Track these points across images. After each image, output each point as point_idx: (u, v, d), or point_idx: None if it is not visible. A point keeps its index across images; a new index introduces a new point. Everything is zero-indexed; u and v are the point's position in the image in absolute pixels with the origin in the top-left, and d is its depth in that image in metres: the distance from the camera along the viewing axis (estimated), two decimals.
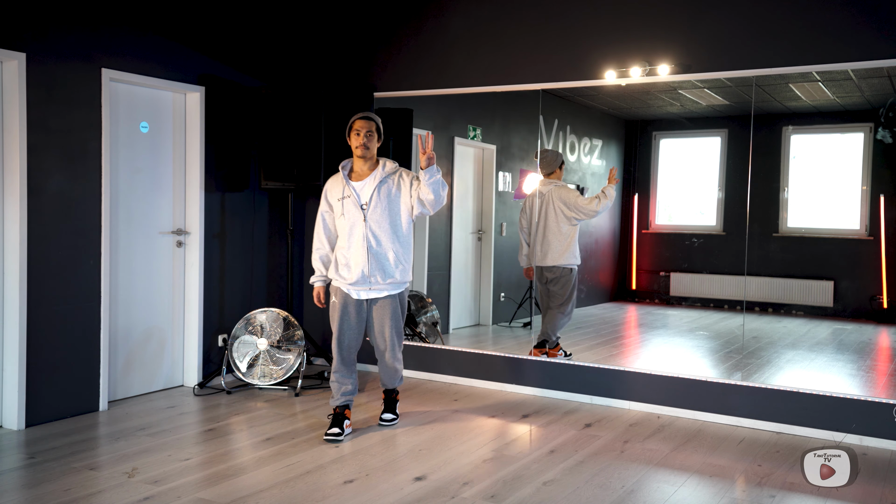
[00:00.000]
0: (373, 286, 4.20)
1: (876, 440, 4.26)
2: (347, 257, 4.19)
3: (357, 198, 4.18)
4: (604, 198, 5.48)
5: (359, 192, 4.18)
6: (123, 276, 4.91)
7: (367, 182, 4.20)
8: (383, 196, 4.18)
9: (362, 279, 4.17)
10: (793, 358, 5.57)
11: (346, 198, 4.20)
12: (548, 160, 5.65)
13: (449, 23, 5.60)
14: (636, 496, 3.46)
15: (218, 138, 5.41)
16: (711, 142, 6.34)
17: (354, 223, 4.17)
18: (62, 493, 3.35)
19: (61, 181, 4.43)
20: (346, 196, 4.20)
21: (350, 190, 4.19)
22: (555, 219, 5.50)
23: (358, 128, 4.19)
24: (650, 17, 4.91)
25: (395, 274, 4.21)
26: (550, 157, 5.67)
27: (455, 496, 3.40)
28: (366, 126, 4.19)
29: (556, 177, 5.61)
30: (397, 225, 4.21)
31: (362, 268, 4.15)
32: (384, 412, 4.51)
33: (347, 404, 4.36)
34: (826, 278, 6.03)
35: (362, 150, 4.17)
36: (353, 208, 4.17)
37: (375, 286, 4.20)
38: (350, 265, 4.18)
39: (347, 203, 4.19)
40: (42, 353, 4.37)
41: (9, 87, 4.21)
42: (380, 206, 4.16)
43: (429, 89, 5.65)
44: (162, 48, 5.00)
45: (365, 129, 4.19)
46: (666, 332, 5.96)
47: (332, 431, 4.20)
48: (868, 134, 5.84)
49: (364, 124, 4.19)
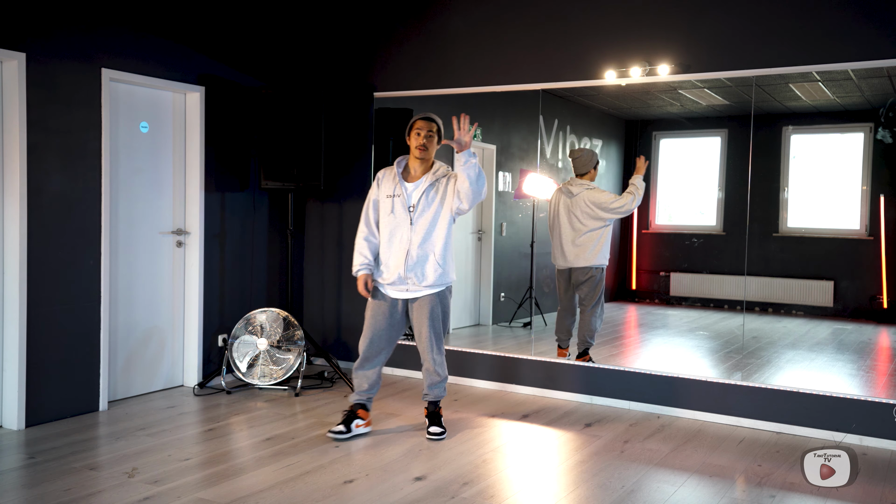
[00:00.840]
0: (409, 288, 4.16)
1: (876, 440, 4.26)
2: (387, 257, 4.16)
3: (407, 198, 4.14)
4: (636, 191, 5.35)
5: (409, 194, 4.15)
6: (123, 276, 4.91)
7: (418, 184, 4.15)
8: (430, 199, 4.12)
9: (399, 280, 4.14)
10: (793, 358, 5.57)
11: (397, 196, 4.15)
12: (583, 160, 5.50)
13: (449, 23, 5.60)
14: (636, 496, 3.46)
15: (218, 138, 5.41)
16: (711, 142, 6.33)
17: (399, 224, 4.13)
18: (62, 493, 3.35)
19: (61, 181, 4.43)
20: (396, 195, 4.15)
21: (401, 189, 4.15)
22: (587, 220, 5.40)
23: (419, 128, 4.14)
24: (650, 17, 4.91)
25: (432, 277, 4.13)
26: (586, 157, 5.50)
27: (455, 496, 3.40)
28: (426, 126, 4.14)
29: (589, 178, 5.47)
30: (436, 227, 4.13)
31: (399, 270, 4.12)
32: (430, 425, 4.30)
33: (363, 403, 4.30)
34: (826, 278, 6.02)
35: (421, 150, 4.12)
36: (400, 209, 4.13)
37: (412, 288, 4.15)
38: (389, 265, 4.15)
39: (397, 202, 4.14)
40: (42, 353, 4.37)
41: (9, 87, 4.21)
42: (426, 210, 4.11)
43: (429, 89, 5.65)
44: (162, 48, 5.00)
45: (426, 129, 4.13)
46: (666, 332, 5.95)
47: (336, 429, 4.19)
48: (868, 134, 5.84)
49: (425, 125, 4.14)
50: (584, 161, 5.49)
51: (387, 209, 4.16)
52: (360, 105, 5.95)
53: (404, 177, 4.20)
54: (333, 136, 5.96)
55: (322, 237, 6.16)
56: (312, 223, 6.20)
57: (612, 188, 6.67)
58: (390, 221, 4.14)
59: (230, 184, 5.55)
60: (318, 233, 6.18)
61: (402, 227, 4.12)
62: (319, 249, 6.18)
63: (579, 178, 5.48)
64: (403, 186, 4.15)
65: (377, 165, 5.89)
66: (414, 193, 4.13)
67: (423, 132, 4.12)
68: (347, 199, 6.03)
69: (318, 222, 6.18)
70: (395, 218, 4.13)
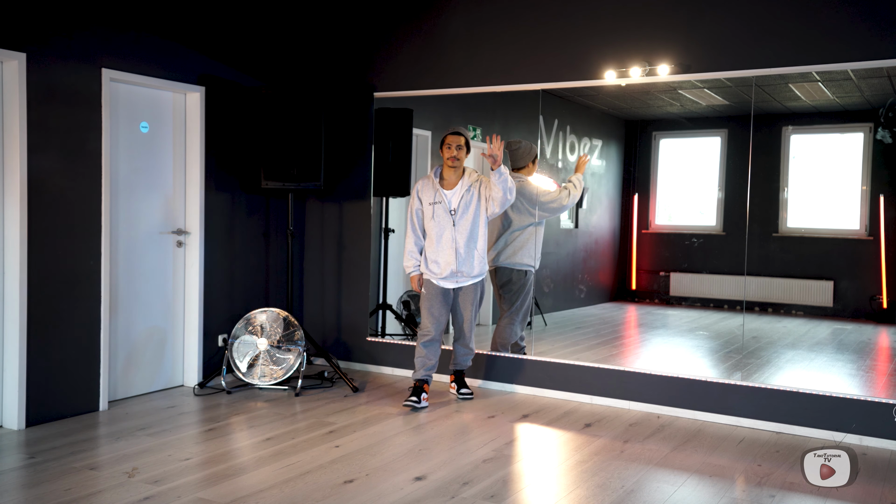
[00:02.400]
0: (459, 279, 4.89)
1: (876, 440, 4.26)
2: (437, 255, 4.86)
3: (447, 203, 4.83)
4: (572, 189, 5.27)
5: (449, 199, 4.84)
6: (123, 276, 4.91)
7: (455, 190, 4.84)
8: (468, 202, 4.82)
9: (451, 275, 4.86)
10: (793, 358, 5.58)
11: (437, 203, 4.84)
12: (520, 153, 5.41)
13: (449, 23, 5.60)
14: (636, 496, 3.47)
15: (218, 138, 5.41)
16: (711, 142, 6.34)
17: (444, 227, 4.84)
18: (62, 493, 3.35)
19: (61, 181, 4.43)
20: (437, 201, 4.85)
21: (441, 196, 4.84)
22: (515, 216, 5.33)
23: (449, 142, 4.81)
24: (650, 17, 4.91)
25: (477, 268, 4.89)
26: (524, 149, 5.41)
27: (455, 496, 3.41)
28: (456, 140, 4.81)
29: (526, 172, 5.39)
30: (478, 225, 4.84)
31: (451, 266, 4.82)
32: (461, 388, 5.14)
33: (427, 379, 4.93)
34: (826, 278, 6.03)
35: (453, 161, 4.81)
36: (442, 213, 4.83)
37: (461, 279, 4.89)
38: (439, 262, 4.85)
39: (438, 208, 4.84)
40: (43, 353, 4.37)
41: (9, 87, 4.21)
42: (466, 212, 4.81)
43: (429, 89, 5.65)
44: (162, 48, 5.00)
45: (455, 143, 4.80)
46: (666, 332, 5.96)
47: (412, 399, 4.82)
48: (868, 134, 5.84)
49: (454, 139, 4.81)
50: (522, 154, 5.42)
51: (429, 215, 4.87)
52: (359, 105, 5.95)
53: (441, 185, 4.88)
54: (333, 136, 5.96)
55: (322, 237, 6.16)
56: (312, 223, 6.21)
57: (611, 188, 6.67)
58: (434, 226, 4.86)
59: (230, 184, 5.55)
60: (318, 233, 6.18)
61: (447, 229, 4.84)
62: (319, 249, 6.18)
63: (515, 172, 5.41)
64: (443, 194, 4.85)
65: (377, 165, 5.90)
66: (453, 199, 4.84)
67: (453, 145, 4.81)
68: (347, 199, 6.03)
69: (318, 222, 6.18)
70: (438, 222, 4.84)
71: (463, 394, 5.13)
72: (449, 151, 4.81)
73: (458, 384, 5.17)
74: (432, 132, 6.17)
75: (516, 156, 5.43)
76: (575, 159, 6.28)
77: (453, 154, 4.78)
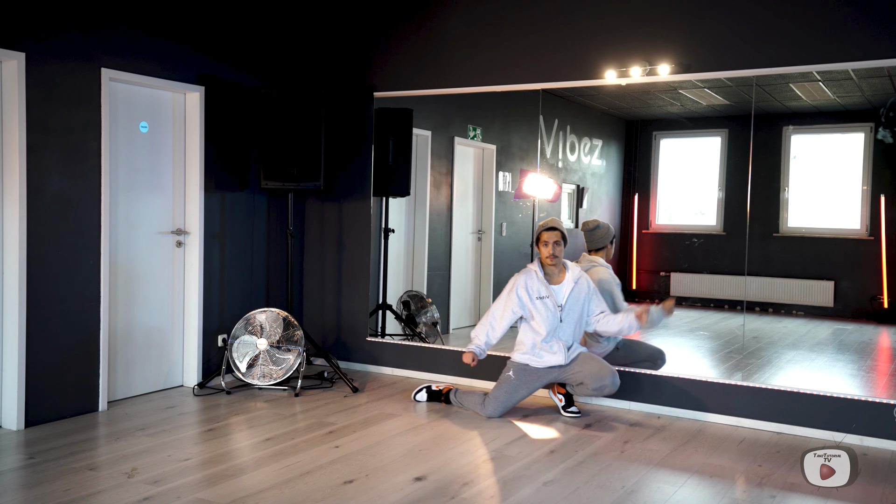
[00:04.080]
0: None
1: (876, 440, 4.25)
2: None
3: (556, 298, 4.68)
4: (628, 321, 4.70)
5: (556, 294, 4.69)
6: (123, 276, 4.91)
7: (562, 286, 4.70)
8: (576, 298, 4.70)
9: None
10: (793, 358, 5.57)
11: (546, 298, 4.67)
12: (598, 235, 5.11)
13: (449, 22, 5.60)
14: (636, 496, 3.46)
15: (218, 138, 5.41)
16: (711, 142, 6.33)
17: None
18: (62, 494, 3.34)
19: (61, 181, 4.43)
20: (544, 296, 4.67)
21: (548, 290, 4.67)
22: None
23: (546, 238, 4.66)
24: (650, 17, 4.90)
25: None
26: (602, 230, 5.11)
27: (455, 496, 3.40)
28: (553, 236, 4.66)
29: (604, 255, 5.12)
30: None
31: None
32: (570, 407, 4.84)
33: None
34: (826, 278, 6.02)
35: (552, 259, 4.66)
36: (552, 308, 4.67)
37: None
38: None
39: (548, 303, 4.67)
40: (42, 353, 4.37)
41: (8, 86, 4.21)
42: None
43: (429, 89, 5.65)
44: (162, 48, 5.00)
45: (553, 238, 4.65)
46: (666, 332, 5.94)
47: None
48: (868, 134, 5.84)
49: (551, 234, 4.66)
50: (600, 236, 5.13)
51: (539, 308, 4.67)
52: (359, 105, 5.94)
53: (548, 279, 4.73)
54: (333, 136, 5.96)
55: (322, 237, 6.16)
56: (312, 223, 6.20)
57: (611, 188, 6.67)
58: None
59: (230, 184, 5.54)
60: (318, 233, 6.18)
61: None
62: (319, 249, 6.18)
63: (593, 255, 5.15)
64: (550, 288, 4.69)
65: (377, 165, 5.89)
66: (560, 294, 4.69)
67: (551, 242, 4.65)
68: (347, 199, 6.02)
69: (317, 222, 6.18)
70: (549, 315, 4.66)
71: (571, 412, 4.80)
72: (547, 249, 4.63)
73: (568, 402, 4.85)
74: (432, 132, 6.17)
75: (593, 237, 5.13)
76: (575, 159, 6.28)
77: (552, 252, 4.62)
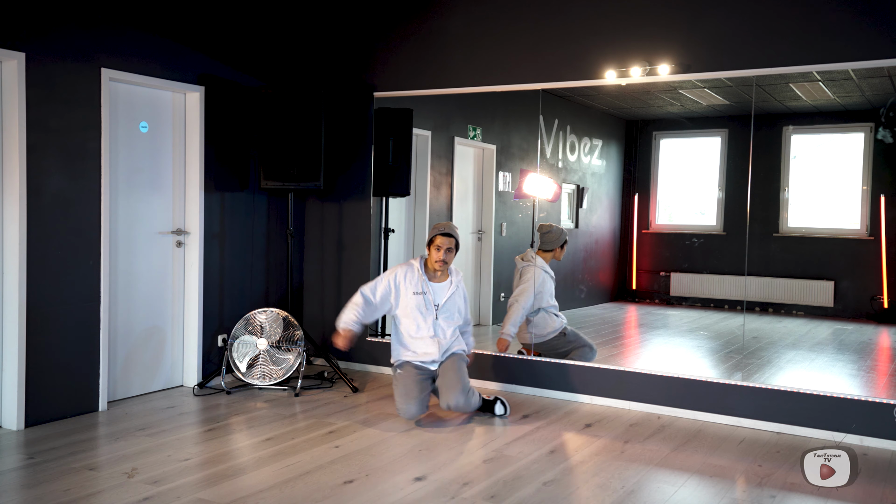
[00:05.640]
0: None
1: (876, 440, 4.25)
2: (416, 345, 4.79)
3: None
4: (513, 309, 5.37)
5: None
6: (123, 276, 4.91)
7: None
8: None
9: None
10: (793, 358, 5.57)
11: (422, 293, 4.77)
12: (550, 237, 5.50)
13: (449, 22, 5.60)
14: (636, 496, 3.46)
15: (218, 138, 5.41)
16: (711, 142, 6.33)
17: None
18: (62, 493, 3.34)
19: (61, 181, 4.43)
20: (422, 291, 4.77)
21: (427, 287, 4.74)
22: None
23: (439, 243, 4.64)
24: (650, 17, 4.90)
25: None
26: (554, 234, 5.51)
27: (455, 496, 3.40)
28: (447, 242, 4.66)
29: (554, 256, 5.49)
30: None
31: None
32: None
33: None
34: (826, 278, 6.02)
35: (441, 265, 4.67)
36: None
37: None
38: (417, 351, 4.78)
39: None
40: (42, 353, 4.37)
41: (8, 86, 4.21)
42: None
43: (429, 89, 5.65)
44: (162, 48, 5.00)
45: (446, 245, 4.65)
46: (666, 332, 5.96)
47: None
48: (868, 134, 5.84)
49: (445, 240, 4.66)
50: (552, 238, 5.50)
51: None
52: (359, 105, 5.94)
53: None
54: (333, 136, 5.96)
55: (322, 237, 6.16)
56: (312, 223, 6.20)
57: (611, 188, 6.67)
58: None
59: (230, 184, 5.54)
60: (317, 233, 6.18)
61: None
62: (319, 249, 6.18)
63: (543, 253, 5.49)
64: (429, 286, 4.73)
65: (377, 165, 5.89)
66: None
67: (443, 248, 4.64)
68: (347, 199, 6.02)
69: (317, 222, 6.18)
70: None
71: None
72: (438, 254, 4.64)
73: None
74: (432, 132, 6.17)
75: (546, 240, 5.48)
76: (575, 159, 6.28)
77: (442, 258, 4.63)
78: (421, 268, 4.73)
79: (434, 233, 4.68)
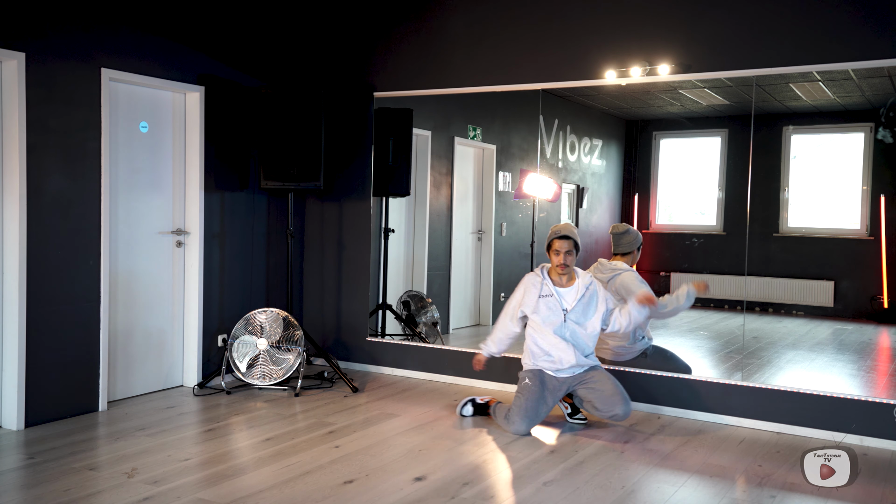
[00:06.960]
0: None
1: (876, 440, 4.25)
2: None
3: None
4: (672, 302, 4.80)
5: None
6: (123, 276, 4.91)
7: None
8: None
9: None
10: (793, 358, 5.57)
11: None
12: (627, 239, 5.02)
13: (449, 22, 5.59)
14: (636, 496, 3.46)
15: (218, 138, 5.41)
16: (711, 142, 6.33)
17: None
18: (62, 494, 3.34)
19: (61, 181, 4.43)
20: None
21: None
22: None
23: (557, 247, 4.50)
24: (650, 17, 4.90)
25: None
26: (632, 236, 5.02)
27: (455, 496, 3.40)
28: (566, 245, 4.49)
29: (630, 260, 5.03)
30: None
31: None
32: (576, 414, 4.70)
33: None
34: (826, 278, 6.02)
35: (562, 268, 4.51)
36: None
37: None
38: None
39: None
40: (42, 353, 4.37)
41: (8, 87, 4.21)
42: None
43: (429, 89, 5.65)
44: (162, 48, 5.00)
45: (565, 248, 4.49)
46: (666, 332, 5.94)
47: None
48: (868, 134, 5.84)
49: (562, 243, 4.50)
50: (629, 241, 5.04)
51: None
52: (359, 105, 5.94)
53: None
54: (333, 136, 5.96)
55: (322, 237, 6.16)
56: (312, 223, 6.20)
57: (611, 188, 6.67)
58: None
59: (230, 183, 5.54)
60: (317, 233, 6.18)
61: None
62: (319, 249, 6.17)
63: (618, 259, 5.05)
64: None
65: (377, 165, 5.89)
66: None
67: (562, 251, 4.48)
68: (347, 199, 6.02)
69: (317, 222, 6.18)
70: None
71: (577, 419, 4.69)
72: (557, 258, 4.47)
73: (574, 409, 4.72)
74: (432, 132, 6.17)
75: (624, 242, 5.03)
76: (575, 159, 6.28)
77: (562, 262, 4.45)
78: (544, 275, 4.59)
79: (551, 237, 4.52)
